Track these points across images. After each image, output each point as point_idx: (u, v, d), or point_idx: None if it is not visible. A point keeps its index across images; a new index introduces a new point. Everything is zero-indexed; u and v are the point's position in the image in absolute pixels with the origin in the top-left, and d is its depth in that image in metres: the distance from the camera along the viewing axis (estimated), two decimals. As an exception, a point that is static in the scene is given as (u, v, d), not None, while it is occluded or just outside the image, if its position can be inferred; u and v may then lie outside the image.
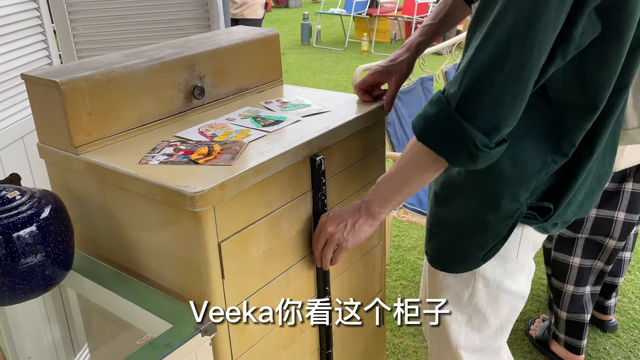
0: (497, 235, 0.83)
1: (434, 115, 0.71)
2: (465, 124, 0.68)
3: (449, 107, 0.69)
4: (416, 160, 0.76)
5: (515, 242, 0.86)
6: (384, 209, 0.83)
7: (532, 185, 0.79)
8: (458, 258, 0.88)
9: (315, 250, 0.91)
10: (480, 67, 0.67)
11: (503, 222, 0.82)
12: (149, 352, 0.72)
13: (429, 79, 1.91)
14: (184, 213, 0.76)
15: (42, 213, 0.78)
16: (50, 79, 0.84)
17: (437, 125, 0.71)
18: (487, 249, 0.84)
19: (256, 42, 1.12)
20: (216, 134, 0.94)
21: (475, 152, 0.69)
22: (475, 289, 0.89)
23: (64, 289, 0.96)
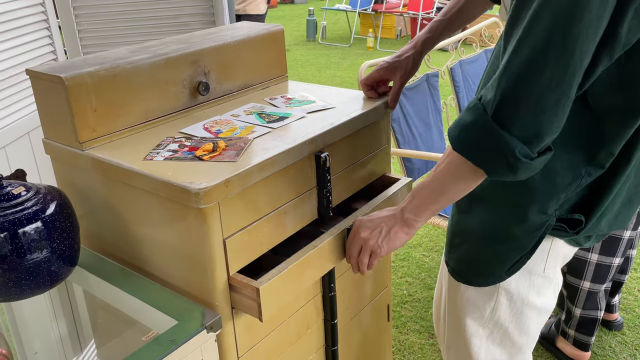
0: (523, 248, 0.79)
1: (470, 124, 0.67)
2: (503, 132, 0.64)
3: (485, 115, 0.65)
4: (452, 170, 0.72)
5: (542, 256, 0.81)
6: (419, 217, 0.79)
7: (561, 198, 0.75)
8: (481, 271, 0.84)
9: (350, 256, 0.87)
10: (516, 72, 0.63)
11: (529, 235, 0.77)
12: (154, 348, 0.72)
13: (434, 75, 1.89)
14: (189, 209, 0.76)
15: (47, 209, 0.78)
16: (55, 74, 0.84)
17: (474, 134, 0.67)
18: (512, 263, 0.80)
19: (261, 37, 1.11)
20: (221, 130, 0.93)
21: (515, 163, 0.65)
22: (498, 303, 0.84)
23: (70, 285, 0.97)
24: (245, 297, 0.79)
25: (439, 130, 1.93)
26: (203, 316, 0.77)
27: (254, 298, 0.78)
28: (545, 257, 0.82)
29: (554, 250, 0.82)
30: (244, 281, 0.78)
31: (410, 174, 1.77)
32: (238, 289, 0.81)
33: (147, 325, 0.82)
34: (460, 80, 2.02)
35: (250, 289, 0.77)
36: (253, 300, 0.78)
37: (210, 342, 0.78)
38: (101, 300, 0.92)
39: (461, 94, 2.03)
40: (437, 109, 1.91)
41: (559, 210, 0.76)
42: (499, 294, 0.84)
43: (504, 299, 0.84)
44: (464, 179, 0.72)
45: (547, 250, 0.81)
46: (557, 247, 0.82)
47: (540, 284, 0.84)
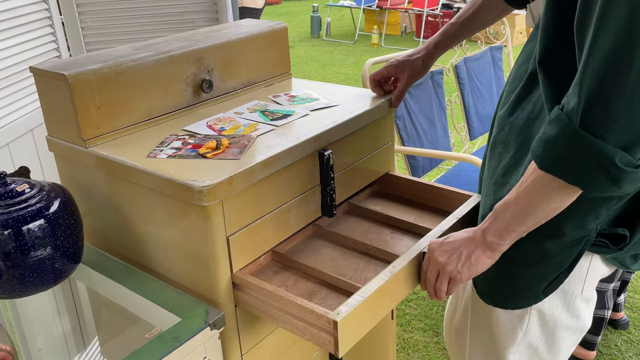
0: (560, 266, 0.71)
1: (555, 137, 0.59)
2: (597, 141, 0.56)
3: (571, 125, 0.57)
4: (539, 189, 0.63)
5: (580, 276, 0.74)
6: (504, 240, 0.69)
7: (601, 212, 0.67)
8: (514, 292, 0.76)
9: (427, 283, 0.78)
10: (600, 68, 0.54)
11: (566, 252, 0.70)
12: (157, 345, 0.72)
13: (439, 72, 1.88)
14: (192, 207, 0.76)
15: (51, 206, 0.78)
16: (58, 72, 0.84)
17: (561, 149, 0.58)
18: (549, 282, 0.73)
19: (265, 35, 1.11)
20: (224, 128, 0.93)
21: (618, 175, 0.56)
22: (530, 324, 0.78)
23: (73, 282, 0.97)
24: (315, 328, 0.71)
25: (444, 127, 1.92)
26: (207, 313, 0.77)
27: (330, 332, 0.68)
28: (583, 277, 0.74)
29: (594, 270, 0.74)
30: (318, 311, 0.69)
31: (415, 172, 1.77)
32: (241, 287, 0.81)
33: (150, 322, 0.82)
34: (465, 77, 2.01)
35: (326, 321, 0.68)
36: (328, 333, 0.69)
37: (214, 340, 0.78)
38: (104, 298, 0.92)
39: (466, 92, 2.01)
40: (441, 106, 1.90)
41: (601, 224, 0.69)
42: (531, 315, 0.77)
43: (536, 319, 0.77)
44: (553, 198, 0.63)
45: (585, 269, 0.74)
46: (597, 266, 0.74)
47: (577, 305, 0.77)
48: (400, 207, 1.05)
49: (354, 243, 0.92)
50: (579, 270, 0.73)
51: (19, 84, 1.40)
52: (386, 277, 0.75)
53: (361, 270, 0.86)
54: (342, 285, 0.82)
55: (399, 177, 1.09)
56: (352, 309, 0.69)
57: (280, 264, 0.89)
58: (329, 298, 0.81)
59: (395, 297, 0.78)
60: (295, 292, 0.82)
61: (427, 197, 1.05)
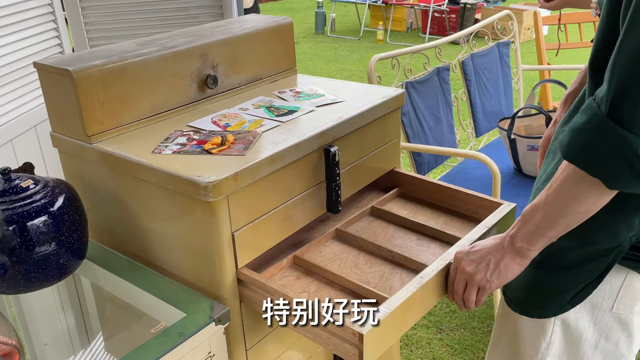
0: (588, 276, 0.68)
1: (582, 125, 0.56)
2: (622, 132, 0.53)
3: (599, 113, 0.55)
4: (569, 186, 0.60)
5: (611, 291, 0.69)
6: (534, 245, 0.66)
7: (634, 222, 0.64)
8: (540, 300, 0.73)
9: (454, 294, 0.76)
10: (634, 55, 0.52)
11: (594, 262, 0.67)
12: (162, 340, 0.72)
13: (445, 68, 1.86)
14: (198, 203, 0.76)
15: (56, 202, 0.78)
16: (63, 67, 0.83)
17: (586, 138, 0.56)
18: (575, 292, 0.69)
19: (270, 30, 1.10)
20: (229, 124, 0.93)
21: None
22: (554, 333, 0.74)
23: (77, 278, 0.97)
24: (339, 339, 0.69)
25: (449, 124, 1.90)
26: (211, 309, 0.77)
27: (355, 344, 0.67)
28: (615, 294, 0.70)
29: (630, 286, 0.69)
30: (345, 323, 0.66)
31: (420, 169, 1.76)
32: (246, 283, 0.81)
33: (155, 317, 0.82)
34: (472, 74, 1.99)
35: (352, 332, 0.66)
36: (353, 345, 0.67)
37: (219, 335, 0.77)
38: (109, 293, 0.93)
39: (472, 88, 2.00)
40: (447, 102, 1.89)
41: (636, 236, 0.64)
42: (555, 325, 0.73)
43: (559, 329, 0.73)
44: (586, 198, 0.59)
45: (618, 284, 0.69)
46: (634, 282, 0.69)
47: (607, 324, 0.72)
48: (427, 211, 1.03)
49: (378, 249, 0.90)
50: (609, 284, 0.69)
51: (21, 80, 1.40)
52: (414, 288, 0.72)
53: (386, 278, 0.84)
54: (367, 294, 0.79)
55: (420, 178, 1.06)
56: (378, 322, 0.67)
57: (302, 269, 0.87)
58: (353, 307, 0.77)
59: (422, 308, 0.76)
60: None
61: (454, 203, 1.01)
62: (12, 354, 0.72)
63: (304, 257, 0.88)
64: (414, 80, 1.74)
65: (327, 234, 0.95)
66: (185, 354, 0.73)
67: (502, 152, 1.89)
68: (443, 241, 0.93)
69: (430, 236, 0.95)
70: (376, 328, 0.66)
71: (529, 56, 4.53)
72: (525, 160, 1.72)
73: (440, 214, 1.02)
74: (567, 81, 3.98)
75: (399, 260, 0.88)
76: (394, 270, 0.86)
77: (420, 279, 0.75)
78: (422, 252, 0.90)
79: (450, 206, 1.02)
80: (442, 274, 0.77)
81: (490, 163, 1.45)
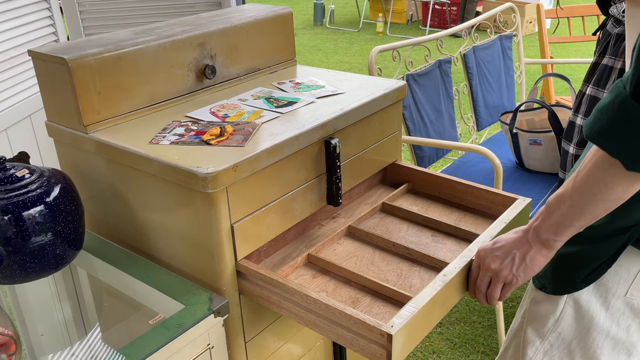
0: (604, 254, 0.68)
1: (607, 105, 0.55)
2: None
3: (624, 93, 0.54)
4: (597, 171, 0.58)
5: (627, 275, 0.69)
6: (561, 236, 0.65)
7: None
8: (557, 276, 0.73)
9: (477, 290, 0.75)
10: None
11: (611, 239, 0.66)
12: (161, 331, 0.71)
13: (446, 61, 1.85)
14: (196, 194, 0.75)
15: (52, 192, 0.77)
16: (58, 55, 0.82)
17: (609, 117, 0.55)
18: (591, 269, 0.69)
19: (269, 20, 1.08)
20: (228, 115, 0.91)
21: None
22: (564, 314, 0.74)
23: (74, 269, 0.96)
24: (365, 340, 0.67)
25: (451, 117, 1.89)
26: (210, 301, 0.76)
27: (384, 344, 0.65)
28: (631, 279, 0.69)
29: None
30: (370, 323, 0.65)
31: (420, 162, 1.75)
32: (246, 275, 0.80)
33: (153, 309, 0.81)
34: (474, 66, 1.98)
35: (379, 333, 0.65)
36: (380, 346, 0.66)
37: (218, 327, 0.77)
38: (106, 284, 0.92)
39: (474, 81, 1.98)
40: (449, 96, 1.87)
41: None
42: (567, 303, 0.73)
43: (571, 309, 0.73)
44: (613, 183, 0.57)
45: (635, 271, 0.68)
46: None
47: (619, 308, 0.71)
48: (438, 207, 1.01)
49: (394, 246, 0.89)
50: (626, 268, 0.68)
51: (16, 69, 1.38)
52: (438, 286, 0.71)
53: (405, 276, 0.83)
54: (387, 292, 0.77)
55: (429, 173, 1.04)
56: (406, 321, 0.65)
57: (317, 267, 0.86)
58: (374, 306, 0.76)
59: (446, 306, 0.75)
60: (338, 298, 0.78)
61: (466, 198, 1.00)
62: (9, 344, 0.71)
63: (318, 255, 0.87)
64: (415, 73, 1.72)
65: (340, 231, 0.93)
66: (183, 345, 0.72)
67: (503, 146, 1.88)
68: (458, 237, 0.92)
69: (444, 232, 0.93)
70: (404, 328, 0.65)
71: (531, 50, 4.50)
72: (527, 155, 1.71)
73: (452, 210, 1.00)
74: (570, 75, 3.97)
75: (417, 257, 0.87)
76: (412, 267, 0.85)
77: (443, 277, 0.73)
78: (439, 248, 0.89)
79: (461, 201, 1.01)
80: (464, 271, 0.76)
81: (492, 157, 1.44)
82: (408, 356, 1.55)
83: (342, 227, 0.95)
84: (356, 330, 0.68)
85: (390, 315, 0.74)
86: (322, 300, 0.70)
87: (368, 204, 1.04)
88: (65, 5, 1.52)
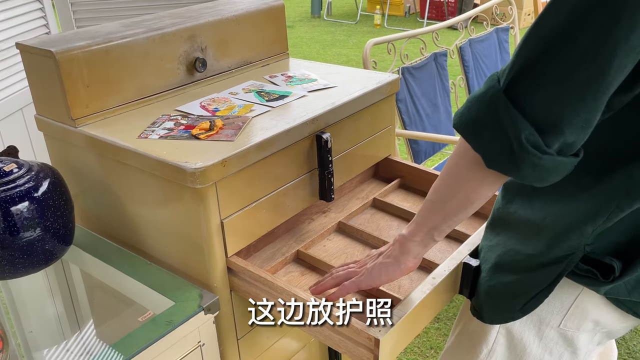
0: (540, 283, 0.64)
1: (478, 96, 0.53)
2: (513, 110, 0.50)
3: (497, 86, 0.51)
4: (455, 163, 0.57)
5: (561, 306, 0.66)
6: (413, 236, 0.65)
7: (587, 230, 0.58)
8: (494, 305, 0.70)
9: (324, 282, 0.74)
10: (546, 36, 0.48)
11: (546, 268, 0.63)
12: (150, 329, 0.71)
13: (442, 54, 1.83)
14: (185, 189, 0.74)
15: (40, 187, 0.76)
16: (45, 48, 0.80)
17: (478, 109, 0.53)
18: (527, 299, 0.66)
19: (261, 12, 1.07)
20: (218, 109, 0.90)
21: (520, 153, 0.50)
22: (496, 343, 0.72)
23: (66, 264, 0.96)
24: (352, 342, 0.67)
25: (447, 111, 1.88)
26: (201, 297, 0.76)
27: (371, 349, 0.64)
28: (564, 311, 0.66)
29: (580, 306, 0.65)
30: (358, 326, 0.64)
31: (416, 157, 1.74)
32: (236, 272, 0.79)
33: (144, 305, 0.81)
34: (470, 60, 1.96)
35: (367, 337, 0.64)
36: (367, 349, 0.65)
37: (209, 324, 0.76)
38: (98, 280, 0.91)
39: (470, 75, 1.97)
40: (445, 89, 1.86)
41: (591, 245, 0.59)
42: (499, 333, 0.72)
43: (503, 338, 0.72)
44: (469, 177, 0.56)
45: (569, 301, 0.65)
46: (586, 305, 0.64)
47: (552, 338, 0.68)
48: None
49: (384, 245, 0.87)
50: (560, 299, 0.65)
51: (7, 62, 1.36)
52: (427, 289, 0.70)
53: None
54: (376, 292, 0.76)
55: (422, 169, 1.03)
56: (394, 326, 0.64)
57: (306, 264, 0.85)
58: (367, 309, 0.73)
59: (434, 309, 0.74)
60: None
61: None
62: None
63: (307, 251, 0.86)
64: (411, 66, 1.71)
65: (330, 227, 0.92)
66: (174, 342, 0.72)
67: (498, 139, 1.87)
68: (449, 236, 0.90)
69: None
70: (392, 332, 0.64)
71: (528, 42, 4.47)
72: (521, 148, 1.70)
73: None
74: (565, 68, 3.89)
75: None
76: None
77: (432, 279, 0.72)
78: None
79: None
80: (453, 274, 0.74)
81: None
82: (406, 351, 1.56)
83: (333, 222, 0.94)
84: (344, 332, 0.67)
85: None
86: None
87: (359, 199, 1.03)
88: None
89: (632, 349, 1.58)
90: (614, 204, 0.56)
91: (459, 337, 0.80)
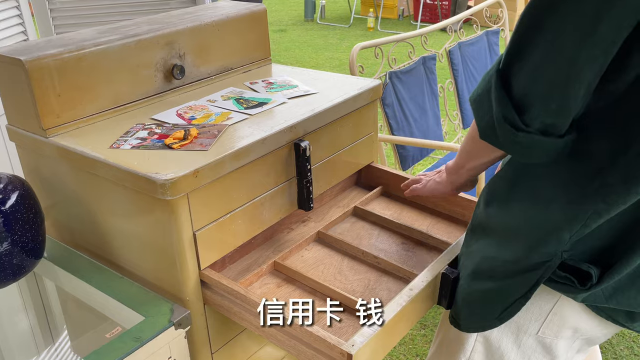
0: (518, 290, 0.64)
1: (486, 73, 0.59)
2: (500, 89, 0.54)
3: (495, 66, 0.56)
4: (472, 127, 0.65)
5: (539, 314, 0.66)
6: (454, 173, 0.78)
7: (564, 236, 0.59)
8: (471, 313, 0.70)
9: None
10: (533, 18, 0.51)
11: (525, 275, 0.62)
12: (118, 346, 0.69)
13: (431, 58, 1.82)
14: (156, 201, 0.72)
15: (8, 200, 0.74)
16: (14, 57, 0.78)
17: (481, 86, 0.58)
18: (505, 306, 0.65)
19: (242, 18, 1.05)
20: (195, 117, 0.88)
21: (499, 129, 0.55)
22: (475, 351, 0.72)
23: (39, 277, 0.93)
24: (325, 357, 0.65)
25: (435, 115, 1.86)
26: (171, 312, 0.74)
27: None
28: (542, 318, 0.66)
29: (558, 313, 0.65)
30: (331, 341, 0.63)
31: (404, 162, 1.72)
32: (210, 285, 0.77)
33: (115, 320, 0.79)
34: (459, 63, 1.95)
35: (339, 352, 0.62)
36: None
37: (180, 339, 0.74)
38: (70, 294, 0.89)
39: (460, 78, 1.96)
40: (433, 93, 1.85)
41: (569, 252, 0.59)
42: (477, 341, 0.72)
43: (481, 346, 0.71)
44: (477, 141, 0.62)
45: (547, 308, 0.65)
46: (565, 312, 0.64)
47: (531, 346, 0.68)
48: (411, 212, 0.98)
49: (363, 255, 0.86)
50: (538, 306, 0.65)
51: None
52: (403, 301, 0.68)
53: (372, 287, 0.80)
54: (353, 304, 0.74)
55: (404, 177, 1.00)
56: (367, 340, 0.63)
57: (283, 276, 0.83)
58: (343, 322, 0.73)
59: (411, 320, 0.72)
60: None
61: (440, 203, 0.97)
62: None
63: (284, 263, 0.84)
64: (399, 70, 1.69)
65: (309, 237, 0.90)
66: (143, 359, 0.70)
67: (488, 143, 1.85)
68: (429, 246, 0.89)
69: (415, 240, 0.91)
70: (366, 346, 0.63)
71: (521, 45, 4.47)
72: (510, 153, 1.69)
73: (425, 215, 0.98)
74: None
75: (385, 267, 0.84)
76: (380, 278, 0.82)
77: (409, 291, 0.71)
78: (409, 258, 0.87)
79: (435, 207, 0.99)
80: (431, 285, 0.73)
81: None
82: (392, 358, 1.54)
83: (312, 232, 0.92)
84: (317, 347, 0.65)
85: (354, 329, 0.72)
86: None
87: (340, 207, 1.01)
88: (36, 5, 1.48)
89: (619, 354, 1.56)
90: (591, 210, 0.56)
91: (439, 347, 0.80)
